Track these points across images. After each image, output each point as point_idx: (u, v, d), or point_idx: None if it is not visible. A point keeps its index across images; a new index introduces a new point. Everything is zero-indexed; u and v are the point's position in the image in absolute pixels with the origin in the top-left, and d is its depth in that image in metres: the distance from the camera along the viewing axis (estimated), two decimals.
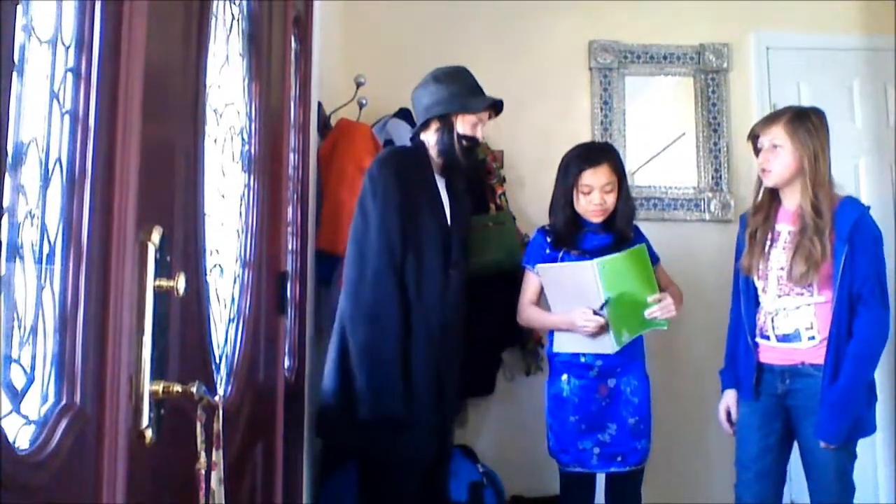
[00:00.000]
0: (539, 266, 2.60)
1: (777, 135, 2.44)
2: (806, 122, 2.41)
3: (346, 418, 2.36)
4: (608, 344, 2.52)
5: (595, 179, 2.59)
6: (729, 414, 2.61)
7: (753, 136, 2.53)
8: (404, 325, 2.34)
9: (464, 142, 2.48)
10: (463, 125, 2.48)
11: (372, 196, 2.41)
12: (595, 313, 2.48)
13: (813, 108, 2.53)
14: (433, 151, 2.51)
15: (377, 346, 2.33)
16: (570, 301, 2.53)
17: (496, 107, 2.56)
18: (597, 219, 2.62)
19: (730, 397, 2.60)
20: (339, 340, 2.41)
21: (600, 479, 2.69)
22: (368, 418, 2.32)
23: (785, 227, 2.47)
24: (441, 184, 2.54)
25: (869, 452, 3.15)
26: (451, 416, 2.60)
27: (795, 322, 2.42)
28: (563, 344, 2.62)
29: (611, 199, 2.61)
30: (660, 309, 2.50)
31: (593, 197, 2.59)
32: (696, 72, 3.66)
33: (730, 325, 2.64)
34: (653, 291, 2.51)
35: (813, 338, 2.38)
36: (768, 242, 2.48)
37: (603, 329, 2.50)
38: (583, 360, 2.58)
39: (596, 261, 2.45)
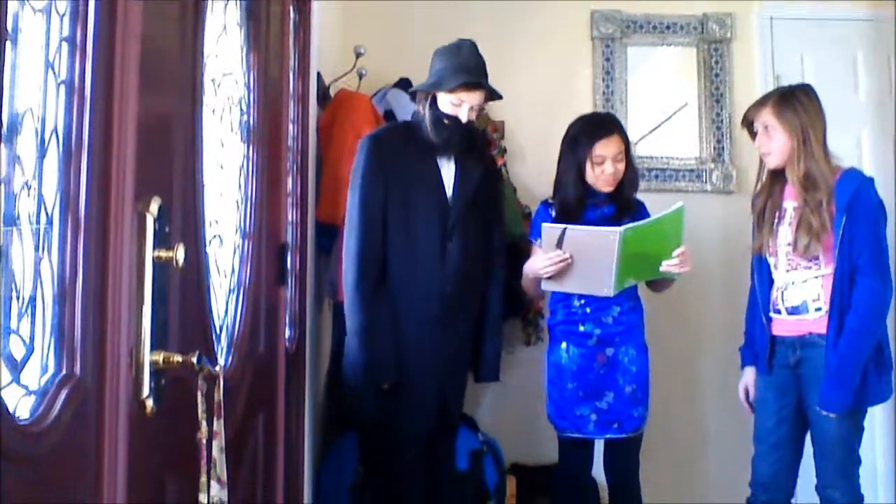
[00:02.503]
0: (563, 229, 2.46)
1: (767, 118, 2.49)
2: (792, 100, 2.47)
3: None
4: (605, 285, 2.43)
5: (607, 150, 2.59)
6: (747, 393, 2.64)
7: (748, 122, 2.59)
8: (378, 296, 2.44)
9: (445, 119, 2.45)
10: (443, 103, 2.45)
11: (353, 173, 2.50)
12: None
13: (801, 84, 2.59)
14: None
15: (351, 316, 2.45)
16: (580, 261, 2.44)
17: (482, 88, 2.45)
18: (608, 188, 2.61)
19: (749, 375, 2.64)
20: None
21: (599, 450, 2.71)
22: (352, 385, 2.51)
23: (790, 204, 2.50)
24: (445, 156, 2.52)
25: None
26: (452, 389, 2.60)
27: (803, 294, 2.45)
28: (552, 285, 2.55)
29: (622, 168, 2.61)
30: (678, 264, 2.44)
31: (606, 167, 2.58)
32: (699, 42, 3.63)
33: (748, 302, 2.67)
34: (676, 247, 2.44)
35: (819, 309, 2.42)
36: (776, 220, 2.52)
37: (566, 265, 2.43)
38: (581, 328, 2.59)
39: (621, 230, 2.34)
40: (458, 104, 2.43)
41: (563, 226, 2.45)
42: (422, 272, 2.45)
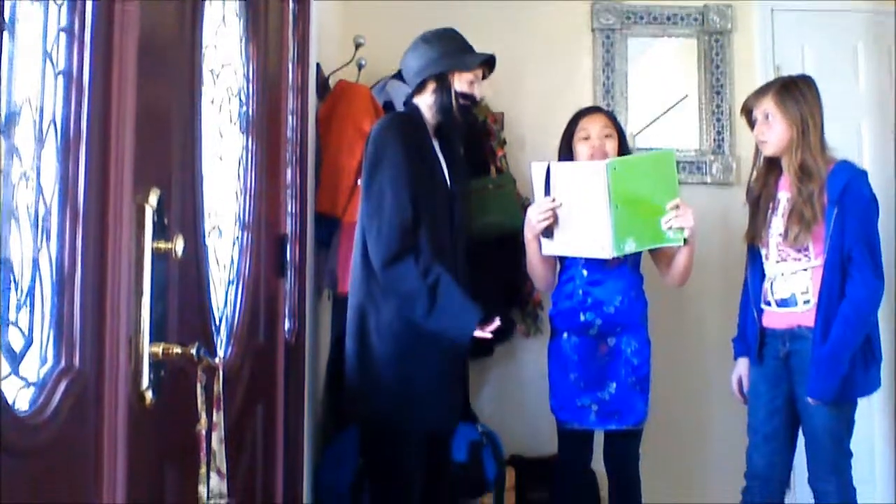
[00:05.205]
0: (548, 163, 2.42)
1: (767, 106, 2.50)
2: (793, 90, 2.48)
3: (371, 394, 2.35)
4: (605, 246, 2.31)
5: (591, 124, 2.63)
6: (741, 384, 2.66)
7: (747, 110, 2.60)
8: (431, 297, 2.25)
9: (462, 100, 2.44)
10: (460, 83, 2.42)
11: (379, 166, 2.31)
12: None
13: (802, 75, 2.61)
14: (429, 114, 2.44)
15: (408, 320, 2.28)
16: (573, 208, 2.37)
17: (490, 64, 2.50)
18: None
19: (742, 366, 2.67)
20: (357, 317, 2.35)
21: (599, 442, 2.71)
22: (395, 391, 2.30)
23: (784, 195, 2.53)
24: (437, 148, 2.50)
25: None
26: (466, 382, 2.61)
27: (792, 287, 2.47)
28: (551, 247, 2.48)
29: (610, 146, 2.60)
30: (675, 216, 2.34)
31: (592, 140, 2.59)
32: (700, 33, 3.62)
33: (742, 293, 2.67)
34: (673, 198, 2.35)
35: (808, 301, 2.44)
36: (770, 210, 2.53)
37: (559, 214, 2.37)
38: (583, 318, 2.58)
39: (606, 161, 2.29)
40: (473, 81, 2.44)
41: (546, 162, 2.44)
42: (442, 264, 2.32)
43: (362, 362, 2.33)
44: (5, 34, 0.82)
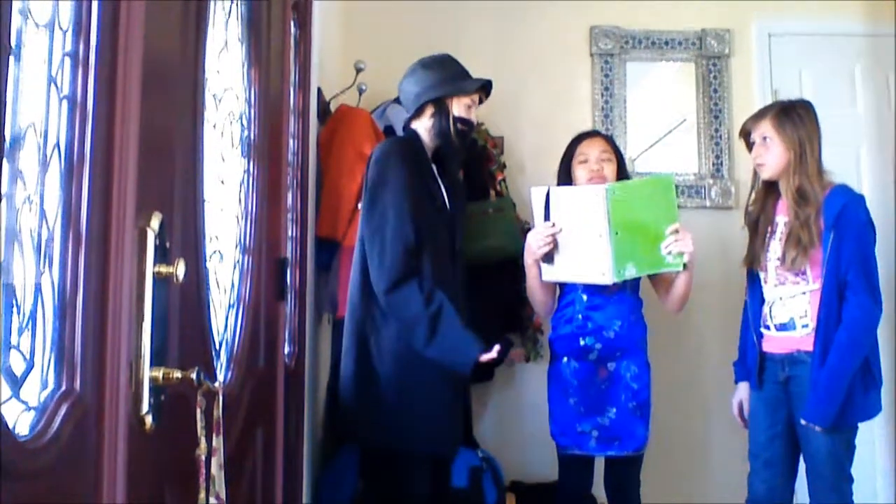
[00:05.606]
0: (547, 188, 2.44)
1: (766, 129, 2.52)
2: (792, 114, 2.50)
3: (372, 416, 2.32)
4: (605, 272, 2.33)
5: (590, 148, 2.64)
6: (741, 408, 2.65)
7: (745, 133, 2.62)
8: (431, 326, 2.25)
9: (459, 125, 2.45)
10: (458, 108, 2.44)
11: (382, 189, 2.31)
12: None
13: (800, 100, 2.61)
14: (427, 137, 2.46)
15: (409, 343, 2.28)
16: (573, 233, 2.39)
17: (486, 89, 2.52)
18: None
19: (742, 391, 2.66)
20: (357, 339, 2.34)
21: (599, 467, 2.69)
22: (396, 414, 2.29)
23: (781, 219, 2.53)
24: (436, 172, 2.51)
25: (867, 453, 3.15)
26: (468, 407, 2.60)
27: (791, 311, 2.47)
28: (552, 272, 2.49)
29: (609, 170, 2.61)
30: (675, 241, 2.36)
31: (591, 164, 2.60)
32: (698, 58, 3.65)
33: (742, 317, 2.67)
34: (672, 223, 2.37)
35: (806, 325, 2.43)
36: (768, 234, 2.53)
37: (559, 241, 2.39)
38: (582, 342, 2.57)
39: (606, 186, 2.32)
40: (471, 105, 2.46)
41: (546, 186, 2.45)
42: (442, 287, 2.32)
43: (362, 384, 2.33)
44: (11, 59, 0.82)
